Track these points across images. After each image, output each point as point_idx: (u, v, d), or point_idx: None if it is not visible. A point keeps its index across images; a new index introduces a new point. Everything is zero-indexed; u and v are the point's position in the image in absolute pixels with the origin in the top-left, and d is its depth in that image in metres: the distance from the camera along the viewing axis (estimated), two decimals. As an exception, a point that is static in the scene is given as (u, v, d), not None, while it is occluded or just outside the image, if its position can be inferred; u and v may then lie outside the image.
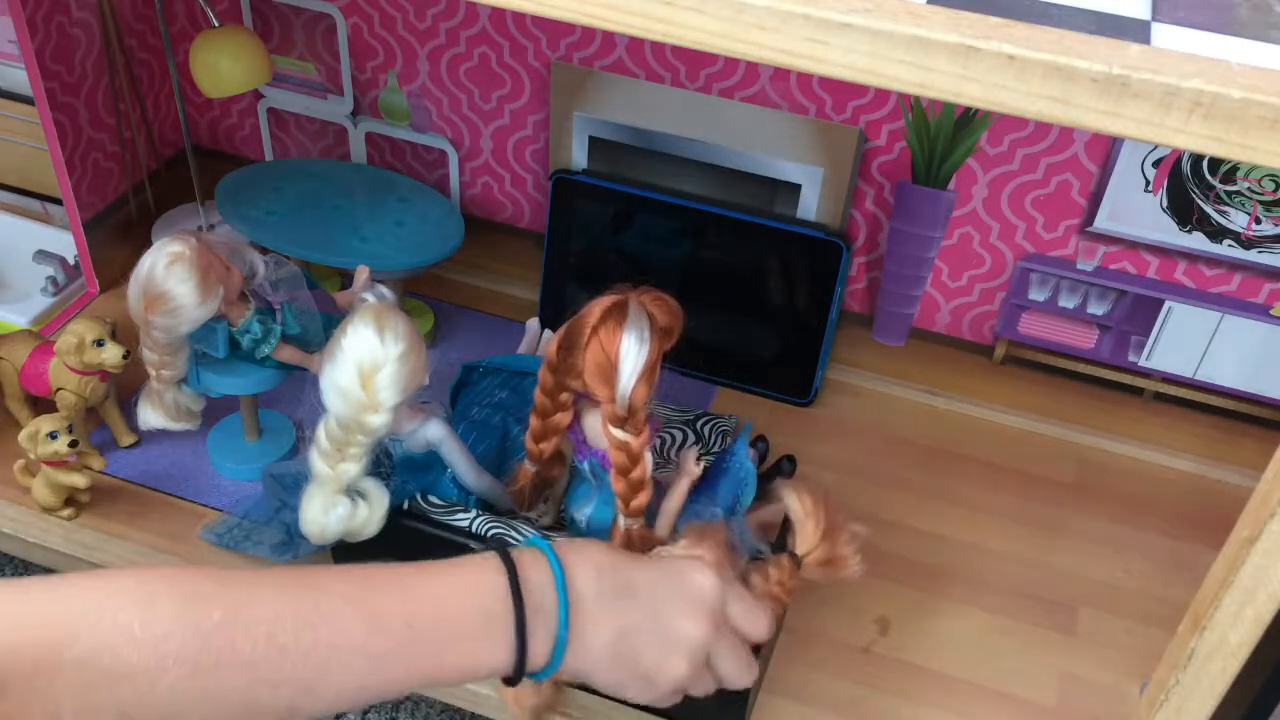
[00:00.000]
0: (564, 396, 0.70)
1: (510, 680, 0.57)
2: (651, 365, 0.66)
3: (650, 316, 0.66)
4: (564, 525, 0.77)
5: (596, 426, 0.69)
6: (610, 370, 0.65)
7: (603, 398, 0.66)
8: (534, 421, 0.72)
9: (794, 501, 0.70)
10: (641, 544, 0.70)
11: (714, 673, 0.63)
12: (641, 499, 0.69)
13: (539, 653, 0.57)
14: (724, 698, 0.72)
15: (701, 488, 0.75)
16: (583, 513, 0.73)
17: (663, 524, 0.72)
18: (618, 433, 0.67)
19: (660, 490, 0.72)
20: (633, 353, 0.65)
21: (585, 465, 0.72)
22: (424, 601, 0.55)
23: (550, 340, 0.69)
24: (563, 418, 0.71)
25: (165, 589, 0.50)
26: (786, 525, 0.72)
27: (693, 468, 0.71)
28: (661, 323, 0.66)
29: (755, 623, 0.64)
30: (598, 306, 0.66)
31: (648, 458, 0.68)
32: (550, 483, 0.76)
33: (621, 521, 0.70)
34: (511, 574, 0.57)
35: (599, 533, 0.73)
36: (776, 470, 0.90)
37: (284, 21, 1.03)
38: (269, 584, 0.53)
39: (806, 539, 0.69)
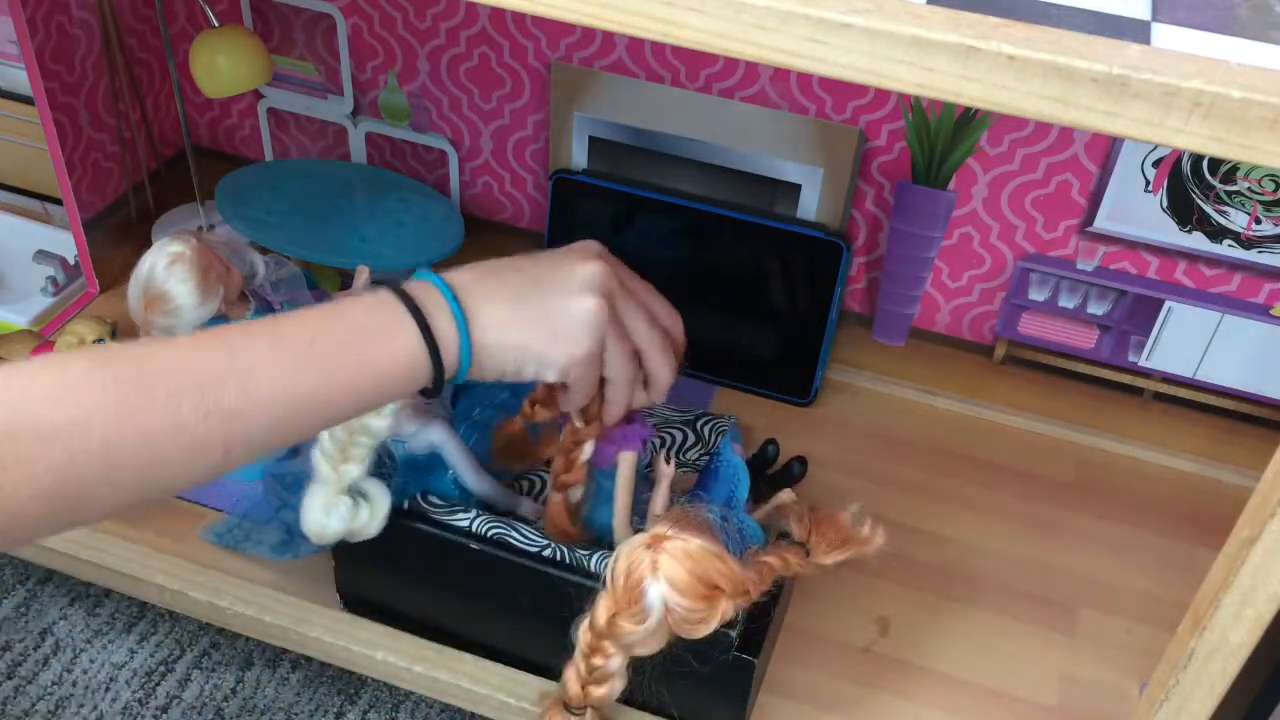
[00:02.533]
0: None
1: (437, 379, 0.59)
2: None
3: None
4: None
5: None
6: None
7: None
8: (540, 388, 0.73)
9: (795, 526, 0.72)
10: (557, 517, 0.72)
11: (635, 310, 0.65)
12: (570, 478, 0.72)
13: (442, 328, 0.59)
14: (724, 697, 0.73)
15: (695, 491, 0.75)
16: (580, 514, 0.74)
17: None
18: (576, 418, 0.70)
19: (649, 488, 0.73)
20: None
21: (597, 475, 0.73)
22: (319, 321, 0.57)
23: None
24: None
25: (66, 358, 0.50)
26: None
27: (665, 468, 0.71)
28: None
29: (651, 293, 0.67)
30: None
31: (588, 448, 0.70)
32: (536, 449, 0.77)
33: (549, 489, 0.73)
34: (394, 288, 0.59)
35: (600, 532, 0.74)
36: (786, 472, 0.90)
37: (284, 21, 1.03)
38: (170, 339, 0.54)
39: (820, 550, 0.71)
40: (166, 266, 0.75)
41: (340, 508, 0.70)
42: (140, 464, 0.50)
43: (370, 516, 0.71)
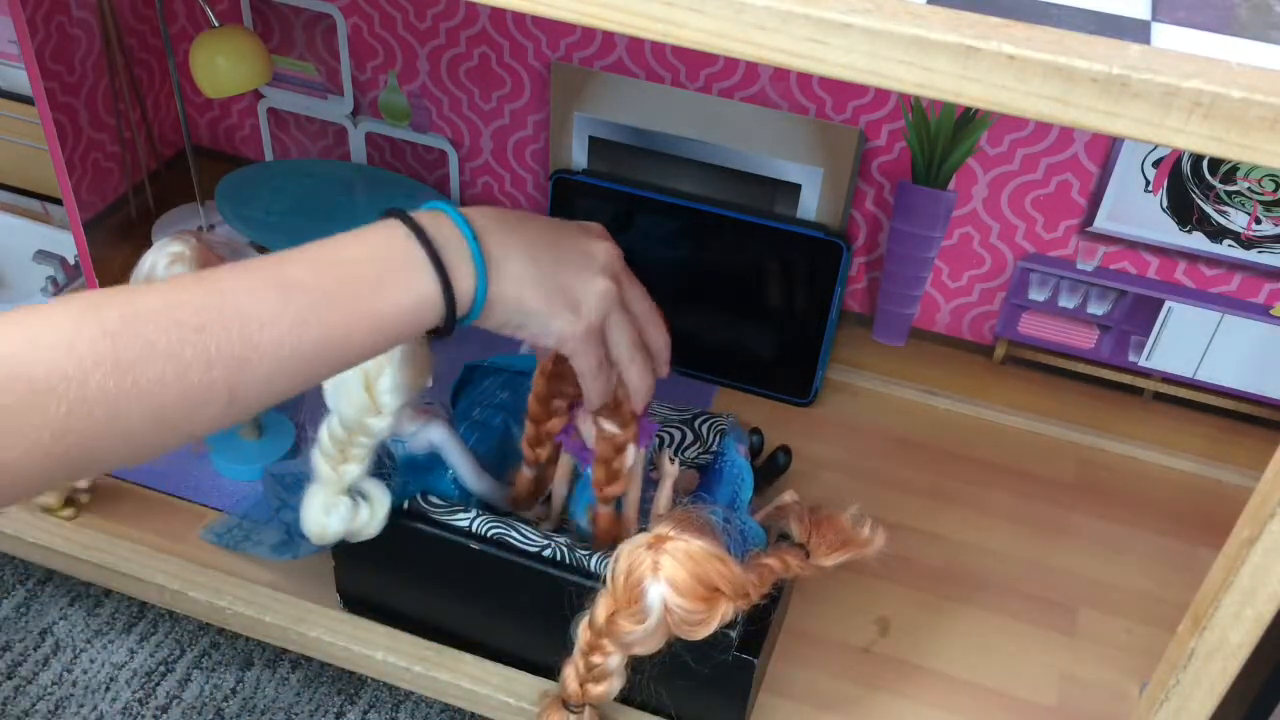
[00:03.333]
0: (556, 403, 0.71)
1: (449, 320, 0.57)
2: None
3: None
4: (566, 530, 0.77)
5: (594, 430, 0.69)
6: None
7: None
8: (529, 427, 0.72)
9: (795, 527, 0.72)
10: (608, 528, 0.72)
11: (641, 296, 0.65)
12: (615, 489, 0.70)
13: (461, 275, 0.57)
14: (724, 697, 0.73)
15: (699, 491, 0.75)
16: (585, 516, 0.74)
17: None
18: (606, 425, 0.68)
19: (652, 488, 0.73)
20: None
21: (589, 471, 0.72)
22: (330, 260, 0.55)
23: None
24: (556, 423, 0.72)
25: (59, 307, 0.48)
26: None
27: (669, 467, 0.71)
28: None
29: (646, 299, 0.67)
30: None
31: (630, 451, 0.69)
32: (545, 481, 0.77)
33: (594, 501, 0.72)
34: (408, 221, 0.57)
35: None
36: (772, 462, 0.90)
37: (284, 21, 1.03)
38: (164, 283, 0.52)
39: (820, 552, 0.71)
40: (166, 266, 0.75)
41: (340, 508, 0.70)
42: (143, 414, 0.48)
43: (370, 516, 0.71)
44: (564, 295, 0.61)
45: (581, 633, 0.67)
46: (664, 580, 0.63)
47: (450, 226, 0.58)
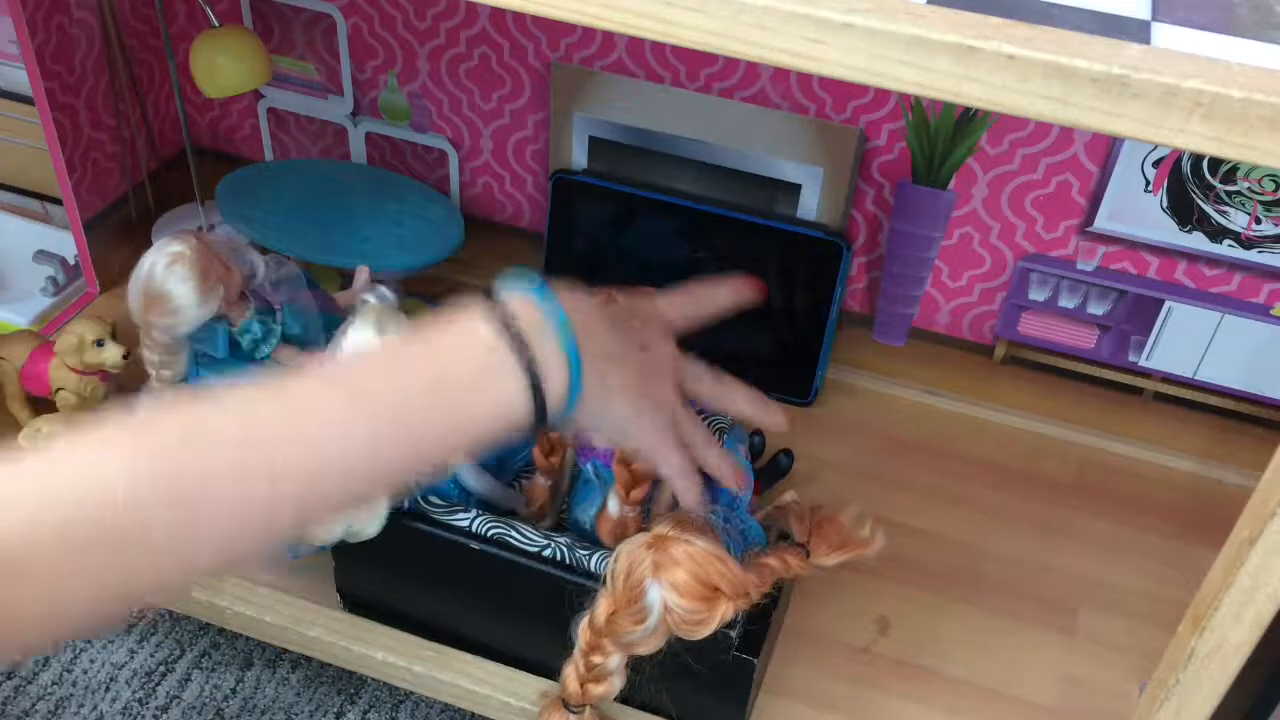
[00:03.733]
0: None
1: (539, 420, 0.53)
2: None
3: None
4: (565, 527, 0.77)
5: None
6: None
7: None
8: (540, 437, 0.72)
9: (795, 527, 0.72)
10: (635, 533, 0.71)
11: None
12: (642, 491, 0.70)
13: (554, 380, 0.53)
14: (724, 697, 0.73)
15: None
16: (587, 514, 0.74)
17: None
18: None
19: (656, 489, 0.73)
20: None
21: (589, 468, 0.72)
22: (408, 369, 0.52)
23: None
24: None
25: (116, 433, 0.46)
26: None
27: None
28: None
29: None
30: None
31: None
32: (561, 489, 0.77)
33: (613, 507, 0.71)
34: (496, 317, 0.54)
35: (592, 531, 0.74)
36: (774, 464, 0.90)
37: (284, 21, 1.03)
38: (229, 396, 0.49)
39: (820, 552, 0.71)
40: (166, 266, 0.75)
41: (340, 508, 0.69)
42: (202, 541, 0.46)
43: (370, 516, 0.70)
44: (645, 400, 0.60)
45: (581, 633, 0.67)
46: (664, 580, 0.63)
47: (547, 328, 0.54)
